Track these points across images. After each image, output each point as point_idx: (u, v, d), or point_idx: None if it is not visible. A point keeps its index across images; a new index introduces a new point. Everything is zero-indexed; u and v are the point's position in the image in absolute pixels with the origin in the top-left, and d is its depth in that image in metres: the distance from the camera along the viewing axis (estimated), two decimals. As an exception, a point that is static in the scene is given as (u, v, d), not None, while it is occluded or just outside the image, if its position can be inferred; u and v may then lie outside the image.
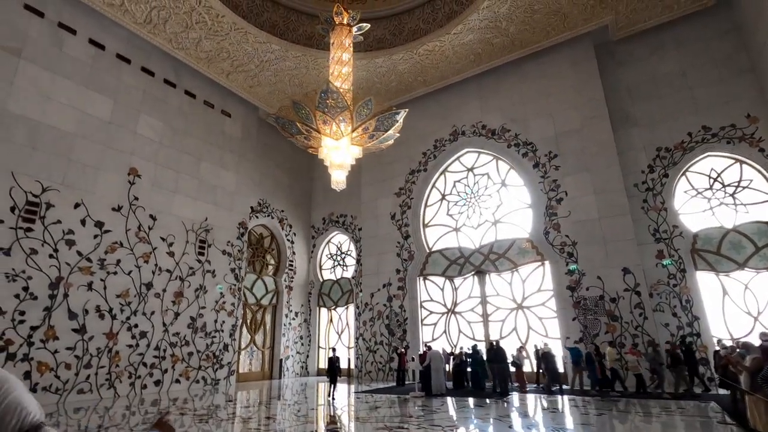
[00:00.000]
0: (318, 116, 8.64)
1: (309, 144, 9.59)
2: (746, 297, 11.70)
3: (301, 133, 9.23)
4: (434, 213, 16.93)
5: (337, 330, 19.48)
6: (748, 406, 5.03)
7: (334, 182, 9.98)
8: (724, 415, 7.03)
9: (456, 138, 16.78)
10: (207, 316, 14.69)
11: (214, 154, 16.26)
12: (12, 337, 10.10)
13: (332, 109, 8.38)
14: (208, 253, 15.19)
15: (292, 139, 9.70)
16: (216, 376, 14.59)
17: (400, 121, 9.46)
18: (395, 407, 8.99)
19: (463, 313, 15.19)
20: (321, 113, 8.50)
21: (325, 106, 8.32)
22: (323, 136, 9.01)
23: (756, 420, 4.78)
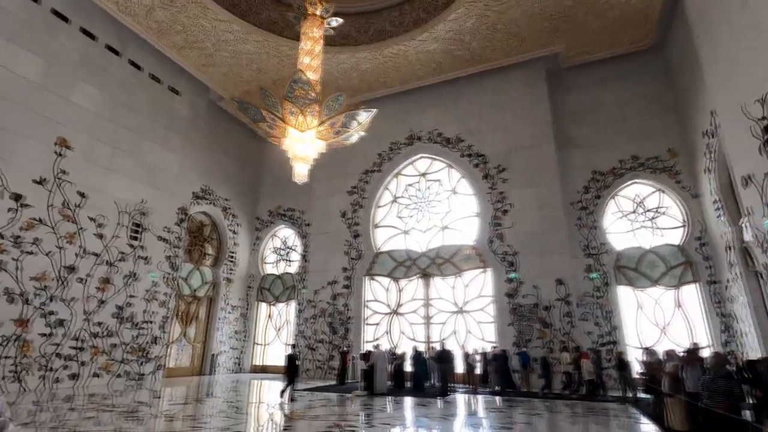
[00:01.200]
0: (285, 106, 8.40)
1: (272, 133, 9.27)
2: (656, 311, 13.13)
3: (265, 121, 8.91)
4: (385, 214, 17.11)
5: (275, 326, 18.97)
6: (666, 407, 5.70)
7: (296, 175, 9.74)
8: (639, 415, 7.87)
9: (412, 142, 17.09)
10: (136, 305, 13.63)
11: (159, 133, 15.16)
12: None
13: (301, 99, 8.18)
14: (142, 238, 14.11)
15: (254, 126, 9.34)
16: (142, 370, 13.57)
17: (368, 121, 9.47)
18: (345, 406, 8.96)
19: (406, 314, 15.49)
20: (289, 103, 8.27)
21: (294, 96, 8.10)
22: (288, 127, 8.76)
23: (673, 419, 5.44)
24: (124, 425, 6.50)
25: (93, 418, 6.93)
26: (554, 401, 10.16)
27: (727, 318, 11.98)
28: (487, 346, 13.41)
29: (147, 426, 6.60)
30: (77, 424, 6.32)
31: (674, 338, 12.61)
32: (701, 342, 12.16)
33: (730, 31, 8.41)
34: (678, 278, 12.96)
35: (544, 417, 8.06)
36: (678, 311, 12.90)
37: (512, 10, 13.47)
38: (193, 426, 6.62)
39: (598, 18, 13.83)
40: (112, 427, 6.31)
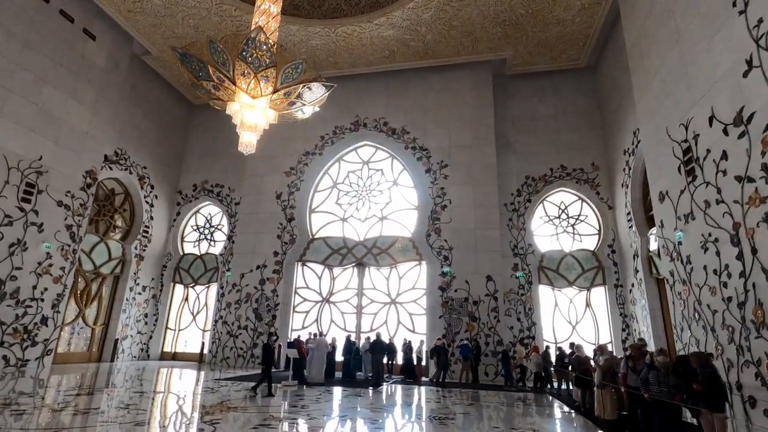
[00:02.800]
0: (238, 66, 7.50)
1: (216, 95, 8.25)
2: (570, 309, 14.33)
3: (210, 80, 7.90)
4: (323, 199, 16.52)
5: (192, 310, 17.47)
6: (596, 399, 6.12)
7: (242, 144, 8.80)
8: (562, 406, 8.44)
9: (357, 129, 16.68)
10: (23, 279, 11.57)
11: (65, 80, 12.96)
12: None
13: (256, 62, 7.34)
14: (36, 201, 11.99)
15: (197, 84, 8.23)
16: (24, 355, 11.58)
17: (326, 96, 8.88)
18: (277, 396, 8.40)
19: (338, 303, 15.15)
20: (242, 63, 7.39)
21: (249, 56, 7.25)
22: (238, 91, 7.85)
23: (603, 410, 5.84)
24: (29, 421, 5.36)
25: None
26: (503, 393, 10.53)
27: (627, 318, 13.44)
28: (417, 338, 13.61)
29: (27, 420, 5.52)
30: (-59, 421, 5.07)
31: (582, 335, 13.88)
32: (605, 338, 13.55)
33: (661, 63, 9.27)
34: (590, 280, 14.25)
35: (489, 406, 8.28)
36: (587, 310, 14.20)
37: (469, 9, 13.63)
38: (85, 420, 5.67)
39: (543, 31, 14.56)
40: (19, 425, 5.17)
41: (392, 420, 6.84)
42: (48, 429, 5.16)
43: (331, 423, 6.32)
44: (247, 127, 8.38)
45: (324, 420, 6.42)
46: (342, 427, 6.04)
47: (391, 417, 7.09)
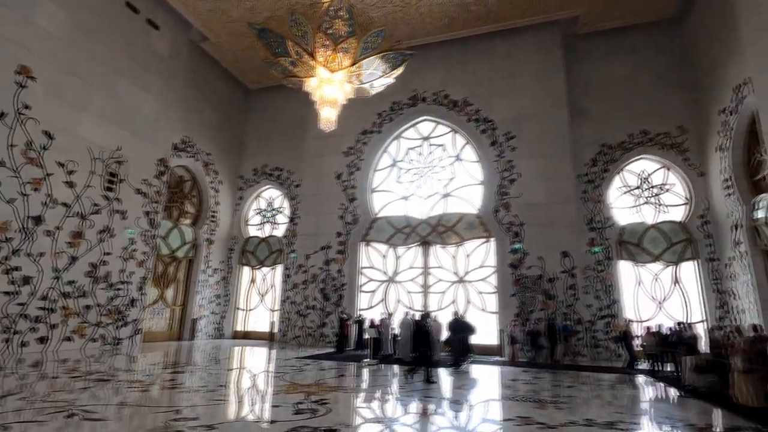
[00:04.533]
0: (318, 38, 7.22)
1: (293, 72, 8.06)
2: (654, 286, 13.32)
3: (288, 56, 7.70)
4: (384, 178, 16.25)
5: (259, 291, 18.02)
6: (738, 384, 5.50)
7: (323, 121, 8.63)
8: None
9: (415, 103, 16.12)
10: (112, 264, 12.27)
11: (135, 71, 13.34)
12: None
13: (335, 33, 7.02)
14: (118, 190, 12.58)
15: (273, 62, 8.07)
16: (118, 334, 12.38)
17: (403, 67, 8.46)
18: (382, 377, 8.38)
19: (404, 282, 14.99)
20: (322, 35, 7.10)
21: (331, 27, 6.93)
22: (317, 65, 7.60)
23: (747, 396, 5.24)
24: (128, 396, 5.59)
25: (88, 389, 5.95)
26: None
27: (724, 295, 12.28)
28: (489, 317, 13.22)
29: (145, 396, 5.72)
30: (70, 396, 5.35)
31: (670, 312, 12.88)
32: (696, 316, 12.51)
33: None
34: (678, 255, 13.12)
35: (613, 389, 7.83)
36: (675, 287, 13.13)
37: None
38: (212, 396, 5.80)
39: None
40: (118, 400, 5.40)
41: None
42: (170, 406, 5.30)
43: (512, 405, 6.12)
44: (326, 102, 8.16)
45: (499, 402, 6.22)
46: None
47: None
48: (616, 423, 4.90)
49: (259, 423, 4.34)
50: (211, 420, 4.47)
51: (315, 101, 8.49)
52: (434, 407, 5.73)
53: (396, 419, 5.12)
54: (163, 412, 4.86)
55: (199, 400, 5.59)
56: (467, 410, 5.66)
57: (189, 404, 5.27)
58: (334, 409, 5.27)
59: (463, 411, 5.61)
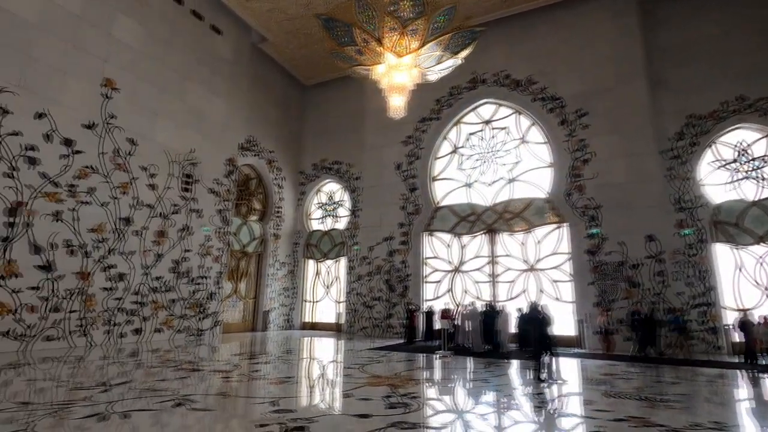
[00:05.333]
0: (385, 22, 7.05)
1: (360, 60, 7.97)
2: (758, 271, 11.86)
3: (354, 44, 7.60)
4: (444, 166, 15.84)
5: (324, 283, 18.41)
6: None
7: (392, 109, 8.50)
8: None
9: (475, 86, 15.50)
10: (192, 260, 13.03)
11: (203, 75, 13.96)
12: (-40, 270, 8.11)
13: (402, 15, 6.81)
14: (194, 190, 13.29)
15: (339, 52, 8.01)
16: (200, 326, 13.17)
17: (473, 45, 8.07)
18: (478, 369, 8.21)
19: (470, 272, 14.58)
20: (390, 18, 6.92)
21: (397, 9, 6.72)
22: (384, 51, 7.44)
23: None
24: (222, 386, 5.81)
25: (186, 378, 6.28)
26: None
27: None
28: (563, 306, 12.48)
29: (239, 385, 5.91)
30: (160, 383, 5.65)
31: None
32: (814, 304, 10.98)
33: None
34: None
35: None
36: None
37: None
38: (295, 389, 5.89)
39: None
40: (215, 390, 5.63)
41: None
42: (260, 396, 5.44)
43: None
44: (395, 89, 7.98)
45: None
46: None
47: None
48: (749, 427, 4.31)
49: (355, 417, 4.28)
50: (308, 413, 4.48)
51: (382, 89, 8.33)
52: (539, 402, 5.40)
53: (491, 415, 4.86)
54: (260, 403, 4.96)
55: (290, 392, 5.69)
56: (562, 405, 5.28)
57: (281, 396, 5.36)
58: (427, 404, 5.12)
59: (558, 405, 5.24)
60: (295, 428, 3.79)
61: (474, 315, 10.84)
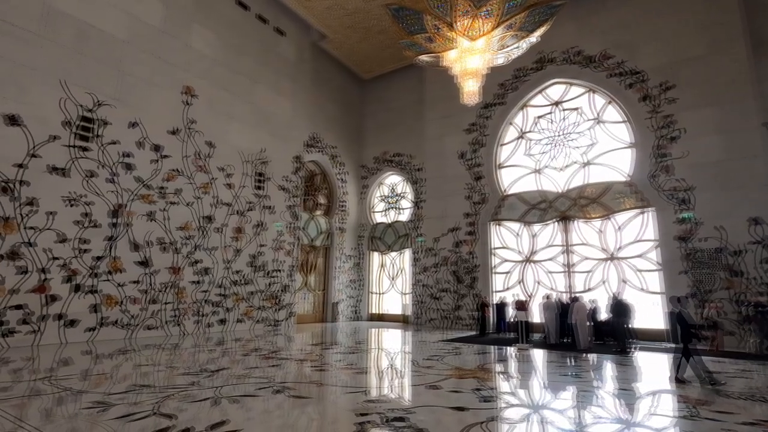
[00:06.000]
0: (458, 4, 6.85)
1: (430, 48, 7.83)
2: None
3: (425, 32, 7.47)
4: (510, 152, 15.23)
5: (389, 275, 18.56)
6: None
7: (466, 95, 8.32)
8: None
9: (542, 67, 14.68)
10: (266, 254, 13.69)
11: (269, 77, 14.49)
12: (77, 267, 9.12)
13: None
14: (266, 188, 13.91)
15: (408, 42, 7.93)
16: (277, 317, 13.83)
17: (550, 22, 7.62)
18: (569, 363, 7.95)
19: (542, 262, 13.94)
20: (464, 1, 6.71)
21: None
22: (456, 36, 7.24)
23: None
24: (311, 374, 6.02)
25: (275, 366, 6.59)
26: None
27: None
28: (649, 298, 11.52)
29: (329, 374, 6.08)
30: (252, 369, 5.95)
31: None
32: None
33: None
34: None
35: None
36: None
37: None
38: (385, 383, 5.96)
39: None
40: (306, 377, 5.84)
41: None
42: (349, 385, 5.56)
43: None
44: (468, 74, 7.75)
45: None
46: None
47: None
48: None
49: (451, 409, 4.21)
50: (401, 403, 4.49)
51: (455, 75, 8.11)
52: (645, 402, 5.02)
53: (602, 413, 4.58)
54: (352, 392, 5.06)
55: (377, 381, 5.76)
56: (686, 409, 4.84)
57: (369, 385, 5.44)
58: (520, 399, 4.94)
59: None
60: (395, 419, 3.80)
61: (550, 306, 10.35)
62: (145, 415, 3.77)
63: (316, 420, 4.00)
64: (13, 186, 8.34)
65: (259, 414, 3.97)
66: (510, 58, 8.85)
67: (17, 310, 8.24)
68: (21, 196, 8.43)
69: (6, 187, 8.25)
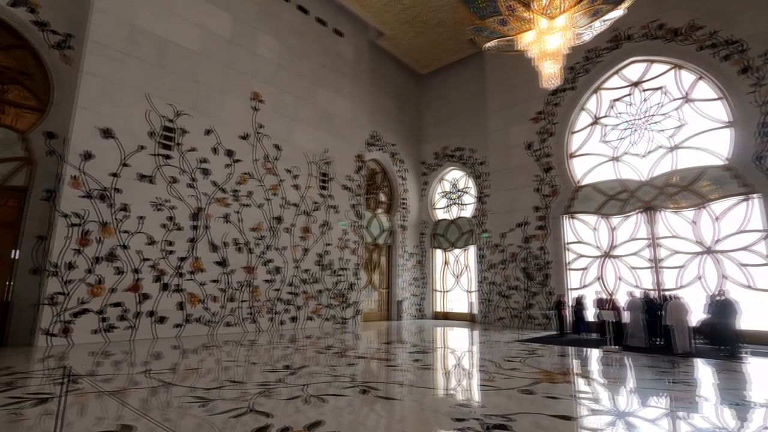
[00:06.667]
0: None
1: (503, 31, 7.44)
2: None
3: (498, 14, 7.10)
4: (583, 140, 14.21)
5: (453, 273, 18.13)
6: None
7: (545, 78, 7.85)
8: None
9: (617, 45, 13.52)
10: (333, 253, 13.87)
11: (329, 78, 14.67)
12: (164, 267, 9.75)
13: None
14: (330, 188, 14.10)
15: (481, 28, 7.59)
16: (344, 315, 13.98)
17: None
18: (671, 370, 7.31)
19: (624, 257, 12.85)
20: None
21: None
22: (533, 16, 6.80)
23: None
24: (389, 374, 5.89)
25: (354, 365, 6.54)
26: None
27: None
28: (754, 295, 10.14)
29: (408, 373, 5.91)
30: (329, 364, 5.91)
31: None
32: None
33: None
34: None
35: None
36: None
37: None
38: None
39: None
40: (386, 378, 5.73)
41: None
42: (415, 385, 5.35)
43: None
44: (547, 55, 7.25)
45: None
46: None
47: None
48: None
49: (556, 417, 3.85)
50: (497, 408, 4.20)
51: (532, 58, 7.62)
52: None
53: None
54: (440, 395, 4.84)
55: (463, 383, 5.51)
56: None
57: (455, 387, 5.19)
58: (632, 410, 4.45)
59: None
60: (496, 426, 3.53)
61: (635, 305, 9.44)
62: (243, 411, 3.81)
63: (413, 424, 3.83)
64: (109, 194, 9.08)
65: (352, 414, 3.88)
66: (592, 34, 8.14)
67: (116, 308, 8.95)
68: (116, 202, 9.16)
69: (104, 195, 8.99)
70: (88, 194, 8.79)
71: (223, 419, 3.59)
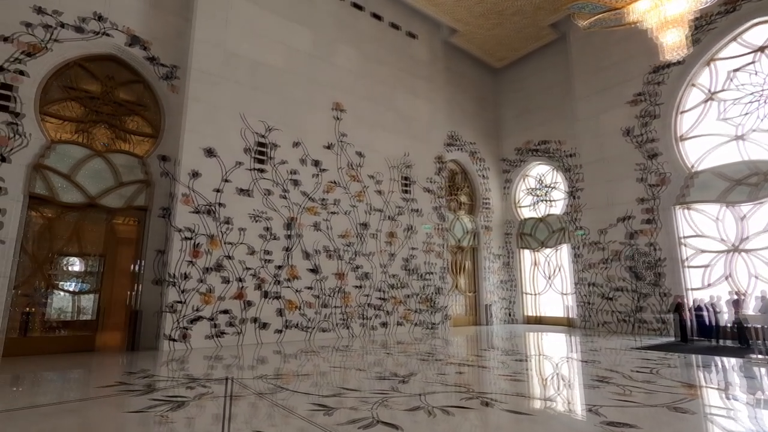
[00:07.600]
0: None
1: (612, 4, 6.75)
2: None
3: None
4: (696, 120, 12.53)
5: (545, 274, 16.98)
6: None
7: (668, 49, 7.05)
8: None
9: (734, 8, 11.75)
10: (418, 257, 13.67)
11: (406, 81, 14.59)
12: (264, 275, 10.24)
13: None
14: (412, 191, 13.95)
15: (583, 4, 6.98)
16: (433, 319, 13.68)
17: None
18: None
19: (760, 250, 11.01)
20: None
21: None
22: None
23: None
24: (503, 385, 5.48)
25: (462, 374, 6.22)
26: None
27: None
28: None
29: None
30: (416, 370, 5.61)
31: None
32: None
33: None
34: None
35: None
36: None
37: None
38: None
39: None
40: (501, 389, 5.34)
41: None
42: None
43: None
44: (669, 23, 6.44)
45: None
46: None
47: None
48: None
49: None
50: (653, 429, 3.63)
51: (649, 29, 6.81)
52: None
53: None
54: (576, 410, 4.35)
55: (595, 397, 4.94)
56: None
57: (593, 402, 4.66)
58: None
59: None
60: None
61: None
62: (368, 422, 3.69)
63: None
64: (214, 208, 9.76)
65: (483, 428, 3.58)
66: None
67: (224, 315, 9.56)
68: (220, 216, 9.82)
69: (210, 210, 9.69)
70: (196, 210, 9.53)
71: (352, 429, 3.48)
